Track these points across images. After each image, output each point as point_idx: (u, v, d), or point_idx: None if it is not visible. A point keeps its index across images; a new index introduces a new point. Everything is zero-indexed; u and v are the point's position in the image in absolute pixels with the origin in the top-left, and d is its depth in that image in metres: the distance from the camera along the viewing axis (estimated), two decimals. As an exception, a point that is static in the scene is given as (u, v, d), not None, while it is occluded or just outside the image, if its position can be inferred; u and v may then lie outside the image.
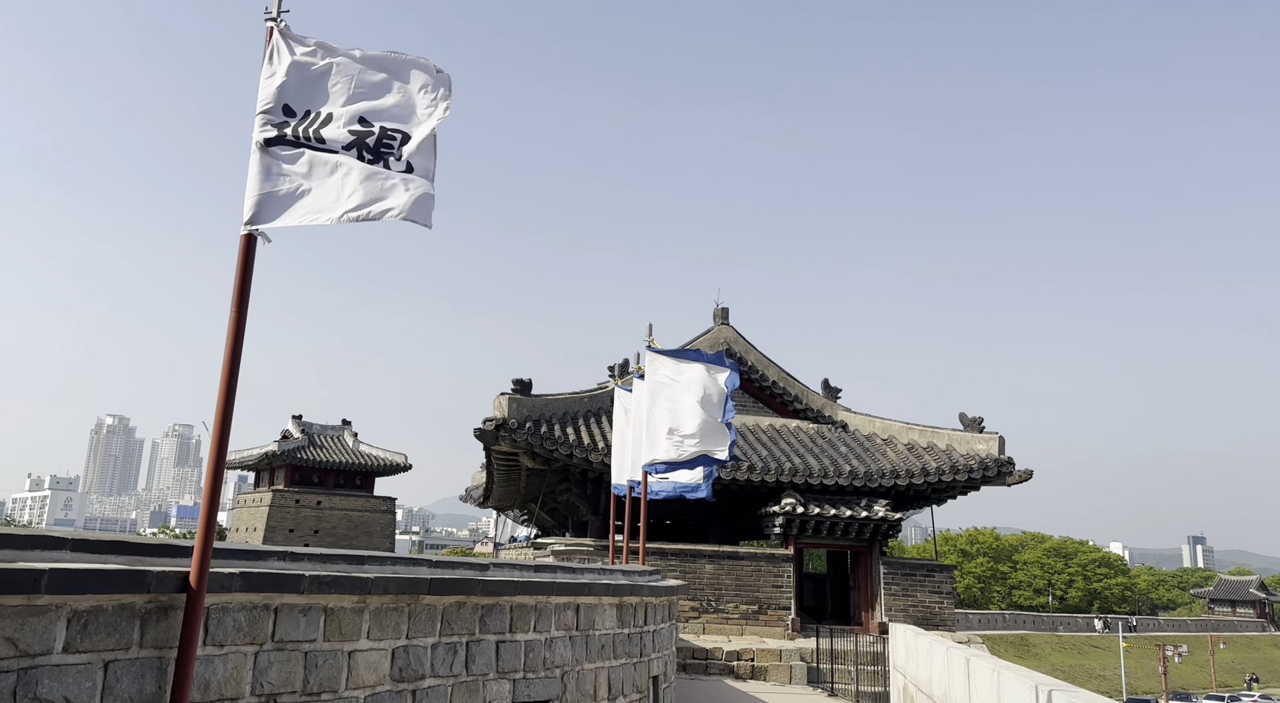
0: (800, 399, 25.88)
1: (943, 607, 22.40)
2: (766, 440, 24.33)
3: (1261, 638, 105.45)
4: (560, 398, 22.46)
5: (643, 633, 7.83)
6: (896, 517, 22.41)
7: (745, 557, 22.05)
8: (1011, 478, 22.60)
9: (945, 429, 24.11)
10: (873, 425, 25.56)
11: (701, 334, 25.70)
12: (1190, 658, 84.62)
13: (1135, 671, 75.39)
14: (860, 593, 23.10)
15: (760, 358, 25.86)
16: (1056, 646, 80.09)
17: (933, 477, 22.49)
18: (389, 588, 4.91)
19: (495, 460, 22.53)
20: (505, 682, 5.81)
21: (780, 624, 21.60)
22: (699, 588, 21.53)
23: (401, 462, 51.74)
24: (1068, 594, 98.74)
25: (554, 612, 6.42)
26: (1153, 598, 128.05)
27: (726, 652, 19.31)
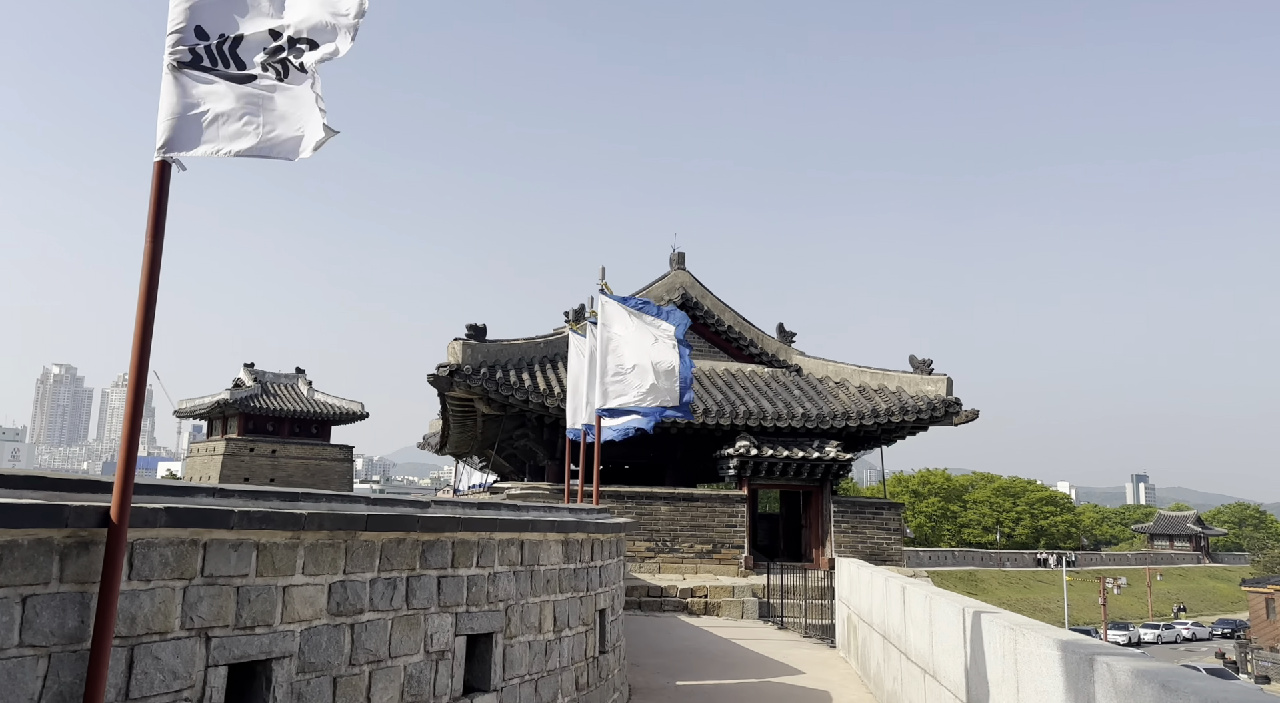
0: (755, 344, 26.10)
1: (890, 543, 23.09)
2: (722, 385, 24.56)
3: (1196, 569, 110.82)
4: (516, 343, 22.38)
5: (589, 568, 7.95)
6: (847, 457, 22.90)
7: (700, 498, 22.42)
8: (959, 418, 23.16)
9: (896, 372, 24.54)
10: (826, 369, 25.92)
11: (658, 279, 25.67)
12: (1130, 590, 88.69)
13: (1078, 603, 78.83)
14: (812, 531, 23.70)
15: (716, 303, 25.95)
16: (1003, 581, 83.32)
17: (883, 418, 22.96)
18: (323, 524, 4.90)
19: (450, 407, 22.47)
20: (447, 615, 5.88)
21: (734, 563, 22.11)
22: (655, 529, 21.90)
23: (358, 410, 51.38)
24: (1015, 532, 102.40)
25: (497, 548, 6.48)
26: (1097, 534, 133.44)
27: (681, 589, 19.77)
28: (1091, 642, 4.41)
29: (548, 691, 7.02)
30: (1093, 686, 3.97)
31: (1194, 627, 75.67)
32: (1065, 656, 4.31)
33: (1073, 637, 4.56)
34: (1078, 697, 4.15)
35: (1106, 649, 4.09)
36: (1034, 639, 4.79)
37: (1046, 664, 4.57)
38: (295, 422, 50.54)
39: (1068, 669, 4.27)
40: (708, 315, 25.60)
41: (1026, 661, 4.90)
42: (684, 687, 10.29)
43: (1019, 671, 5.04)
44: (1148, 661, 3.75)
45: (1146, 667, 3.56)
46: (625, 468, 31.89)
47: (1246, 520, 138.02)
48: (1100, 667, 3.88)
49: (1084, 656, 4.08)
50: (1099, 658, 3.91)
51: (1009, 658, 5.24)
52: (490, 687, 6.26)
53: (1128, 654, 3.92)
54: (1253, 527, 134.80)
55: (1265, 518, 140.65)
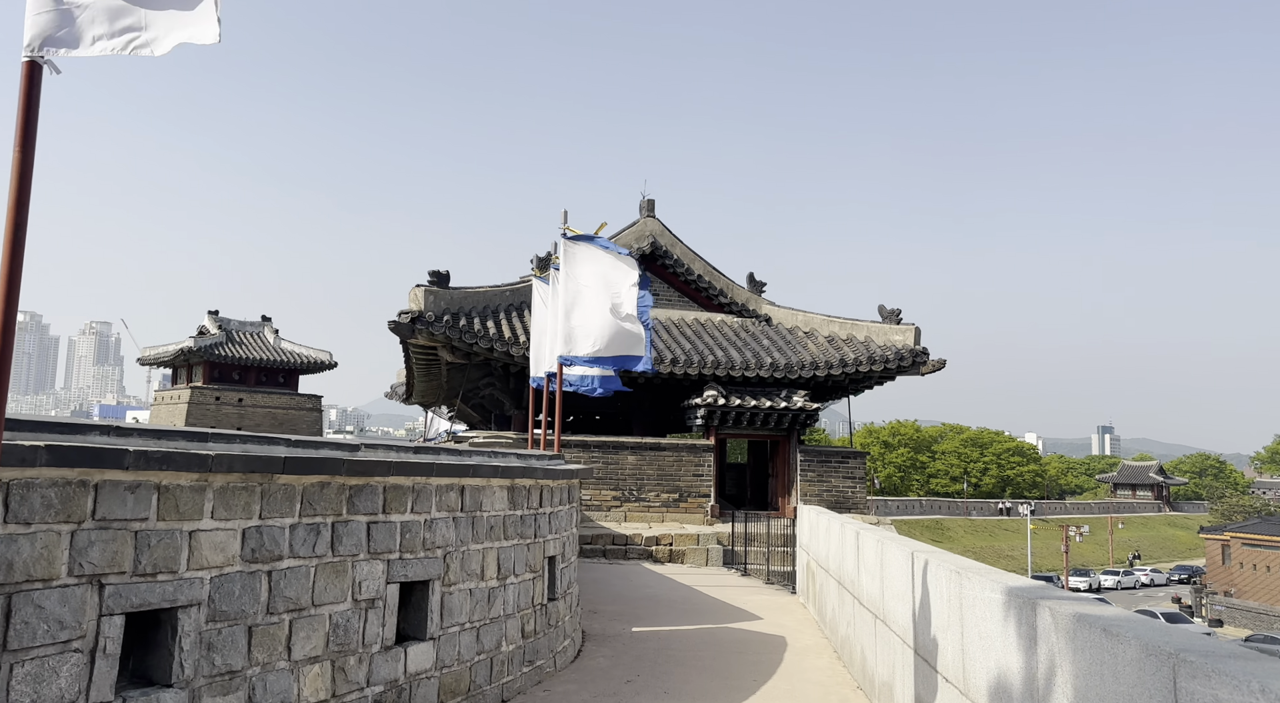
0: (725, 293, 25.83)
1: (855, 491, 23.22)
2: (691, 335, 24.33)
3: (1156, 518, 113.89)
4: (481, 291, 21.93)
5: (537, 515, 7.74)
6: (814, 407, 22.86)
7: (667, 448, 22.34)
8: (925, 368, 23.15)
9: (865, 321, 24.43)
10: (795, 319, 25.76)
11: (627, 226, 25.20)
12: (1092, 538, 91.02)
13: (1041, 551, 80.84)
14: (778, 480, 23.77)
15: (686, 252, 25.57)
16: (969, 529, 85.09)
17: (850, 367, 22.89)
18: (234, 466, 4.60)
19: (413, 355, 22.08)
20: (378, 562, 5.64)
21: (700, 511, 22.15)
22: (621, 478, 21.83)
23: (326, 359, 50.71)
24: (982, 482, 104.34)
25: (435, 493, 6.22)
26: (1062, 484, 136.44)
27: (646, 537, 19.77)
28: (1035, 586, 4.25)
29: (491, 638, 6.84)
30: (1035, 630, 3.81)
31: (1152, 573, 77.99)
32: (1009, 600, 4.14)
33: (1018, 581, 4.40)
34: (1020, 642, 3.99)
35: (1050, 594, 3.92)
36: (978, 584, 4.63)
37: (990, 609, 4.42)
38: (262, 371, 49.82)
39: (1010, 614, 4.11)
40: (677, 264, 25.24)
41: (971, 605, 4.75)
42: (639, 633, 10.22)
43: (964, 615, 4.90)
44: (1090, 605, 3.58)
45: (1089, 611, 3.38)
46: (597, 418, 31.76)
47: (1207, 470, 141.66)
48: (1043, 612, 3.71)
49: (1027, 600, 3.91)
50: (1042, 603, 3.74)
51: (954, 602, 5.09)
52: (427, 635, 6.06)
53: (1071, 599, 3.75)
54: (1213, 477, 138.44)
55: (1225, 468, 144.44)
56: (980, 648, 4.56)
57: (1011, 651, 4.09)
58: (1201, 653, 2.62)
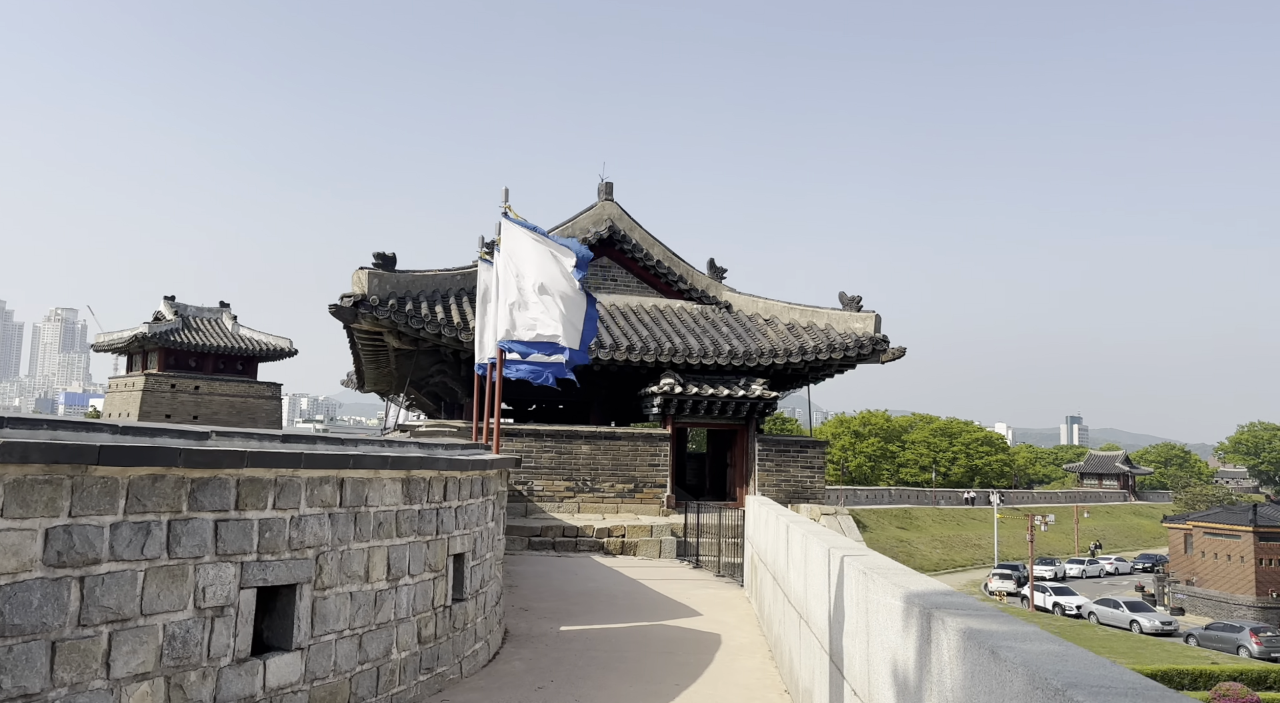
0: (685, 279, 25.30)
1: (814, 481, 22.85)
2: (649, 321, 23.78)
3: (1121, 507, 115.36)
4: (429, 274, 21.22)
5: (440, 510, 7.15)
6: (773, 395, 22.43)
7: (622, 437, 21.82)
8: (885, 356, 22.79)
9: (825, 309, 24.02)
10: (756, 306, 25.30)
11: (584, 210, 24.57)
12: (1058, 527, 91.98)
13: (1008, 539, 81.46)
14: (736, 470, 23.34)
15: (645, 236, 24.99)
16: (937, 518, 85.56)
17: (809, 355, 22.47)
18: (29, 456, 3.98)
19: (359, 341, 21.35)
20: (228, 565, 5.03)
21: (656, 502, 21.67)
22: (575, 468, 21.29)
23: (286, 346, 49.62)
24: (951, 471, 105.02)
25: (305, 487, 5.62)
26: (1030, 473, 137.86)
27: (598, 529, 19.25)
28: (935, 592, 3.74)
29: (377, 645, 6.26)
30: (929, 645, 3.30)
31: (1117, 562, 78.85)
32: (908, 608, 3.63)
33: (921, 585, 3.89)
34: (917, 657, 3.49)
35: (947, 602, 3.41)
36: (881, 588, 4.12)
37: (891, 617, 3.91)
38: (220, 358, 48.66)
39: (910, 624, 3.60)
40: (636, 249, 24.66)
41: (875, 611, 4.25)
42: (567, 632, 9.68)
43: (869, 622, 4.40)
44: (985, 617, 3.07)
45: (980, 627, 2.87)
46: (557, 407, 31.17)
47: (1171, 460, 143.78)
48: (937, 624, 3.21)
49: (924, 610, 3.40)
50: (937, 614, 3.23)
51: (862, 607, 4.60)
52: (293, 645, 5.46)
53: (968, 610, 3.23)
54: (1177, 466, 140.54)
55: (1189, 458, 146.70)
56: (883, 659, 4.06)
57: (910, 665, 3.59)
58: (1091, 690, 2.11)
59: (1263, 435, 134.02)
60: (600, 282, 24.61)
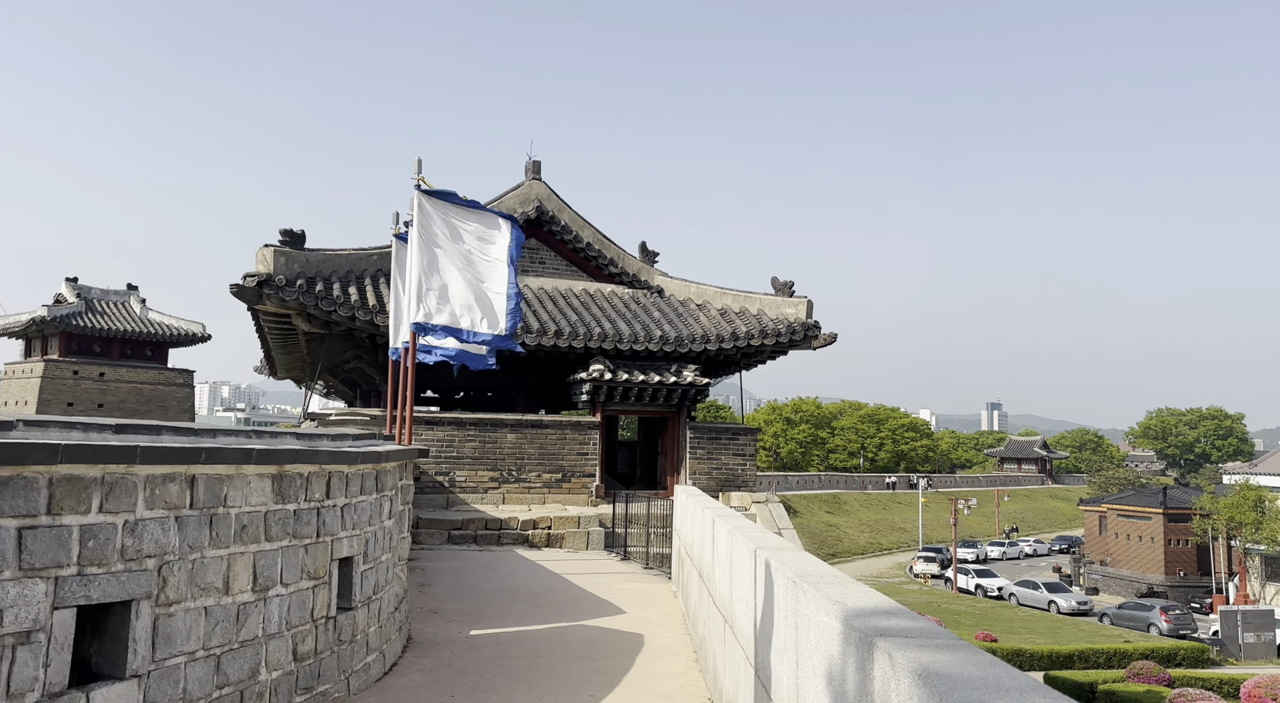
0: (616, 263, 24.58)
1: (745, 469, 22.47)
2: (578, 306, 23.02)
3: (1039, 490, 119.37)
4: (343, 254, 20.05)
5: (321, 509, 6.33)
6: (705, 382, 21.95)
7: (550, 425, 21.05)
8: (817, 341, 22.51)
9: (758, 294, 23.62)
10: (689, 291, 24.76)
11: (511, 190, 23.62)
12: (980, 510, 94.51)
13: (932, 522, 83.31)
14: (667, 458, 22.82)
15: (575, 218, 24.18)
16: (865, 503, 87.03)
17: (742, 341, 22.04)
18: None
19: (266, 324, 20.06)
20: (37, 581, 4.16)
21: (585, 492, 20.99)
22: (500, 458, 20.45)
23: (199, 331, 47.25)
24: (879, 457, 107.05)
25: (144, 486, 4.76)
26: (953, 458, 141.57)
27: (522, 521, 18.48)
28: (876, 609, 3.13)
29: (240, 666, 5.42)
30: (872, 682, 2.67)
31: (1035, 544, 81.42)
32: (846, 631, 3.02)
33: (860, 601, 3.28)
34: (857, 693, 2.87)
35: (897, 630, 2.79)
36: (813, 602, 3.50)
37: (824, 638, 3.30)
38: (127, 343, 46.07)
39: (848, 650, 2.98)
40: (565, 230, 23.83)
41: (807, 629, 3.63)
42: (477, 637, 8.93)
43: (799, 640, 3.78)
44: (944, 650, 2.45)
45: (934, 664, 2.25)
46: (473, 395, 30.19)
47: (1086, 445, 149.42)
48: (880, 657, 2.58)
49: (864, 636, 2.77)
50: (880, 643, 2.61)
51: (791, 620, 3.98)
52: (127, 672, 4.61)
53: (920, 640, 2.62)
54: (1091, 450, 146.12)
55: (1103, 443, 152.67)
56: (815, 689, 3.44)
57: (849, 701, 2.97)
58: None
59: (1169, 421, 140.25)
60: (528, 264, 23.73)
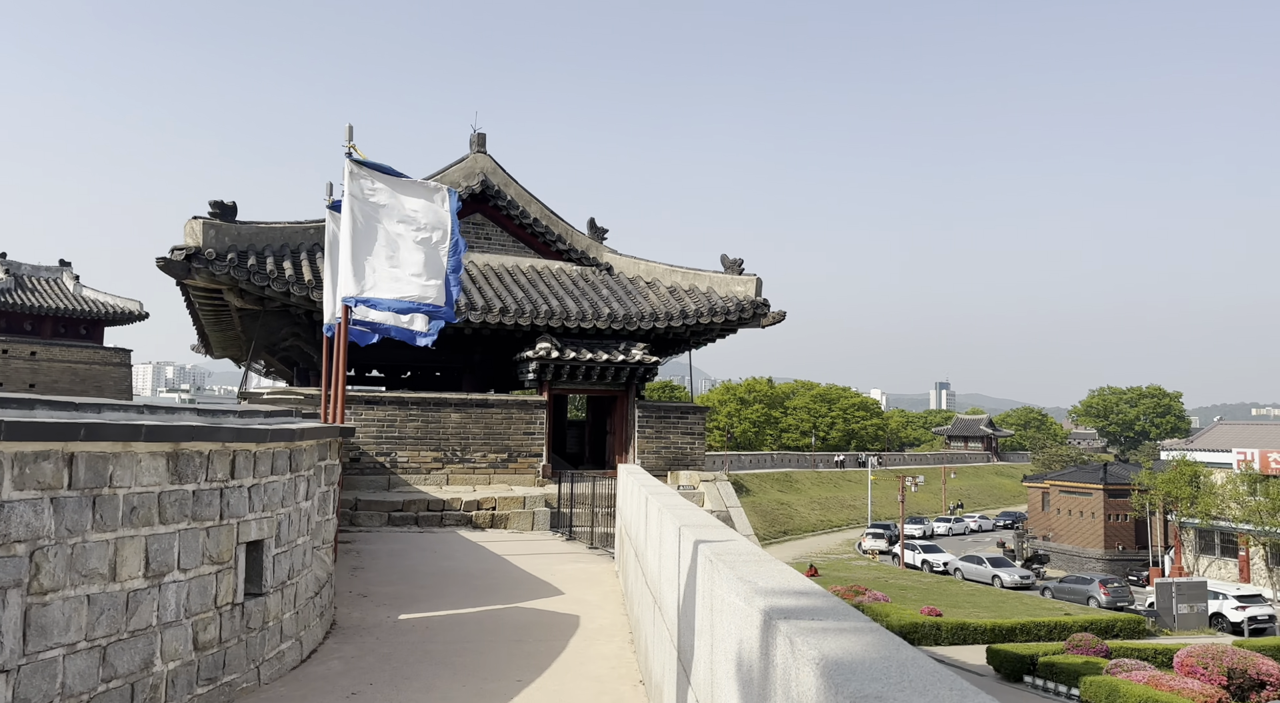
0: (564, 239, 24.16)
1: (694, 448, 22.36)
2: (525, 283, 22.59)
3: (986, 468, 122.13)
4: (278, 227, 19.33)
5: (225, 489, 5.94)
6: (654, 360, 21.73)
7: (495, 404, 20.66)
8: (766, 320, 22.42)
9: (707, 272, 23.42)
10: (638, 268, 24.46)
11: (454, 163, 23.02)
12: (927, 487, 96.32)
13: (881, 499, 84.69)
14: (616, 437, 22.60)
15: (521, 192, 23.67)
16: (816, 481, 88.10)
17: (691, 319, 21.85)
18: None
19: (197, 300, 19.29)
20: (-124, 571, 3.75)
21: (531, 472, 20.69)
22: (444, 438, 20.03)
23: (136, 309, 45.65)
24: (830, 435, 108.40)
25: (12, 464, 4.35)
26: (902, 437, 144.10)
27: (466, 502, 18.12)
28: (799, 587, 2.91)
29: (130, 658, 5.05)
30: (772, 670, 2.45)
31: (980, 520, 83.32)
32: (750, 614, 2.78)
33: (775, 580, 3.05)
34: (761, 681, 2.64)
35: (804, 610, 2.57)
36: (725, 582, 3.28)
37: (735, 621, 3.07)
38: (60, 321, 44.34)
39: (754, 635, 2.75)
40: (511, 206, 23.33)
41: (720, 610, 3.41)
42: (406, 621, 8.62)
43: (714, 622, 3.56)
44: (850, 635, 2.23)
45: (844, 661, 2.02)
46: (419, 374, 29.63)
47: (1030, 423, 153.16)
48: (780, 642, 2.35)
49: (768, 620, 2.54)
50: (783, 626, 2.37)
51: (708, 602, 3.76)
52: (-8, 667, 4.22)
53: (823, 625, 2.39)
54: (1035, 428, 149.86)
55: (1046, 421, 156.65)
56: (727, 674, 3.22)
57: (752, 692, 2.75)
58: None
59: (1110, 399, 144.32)
60: (473, 240, 23.20)
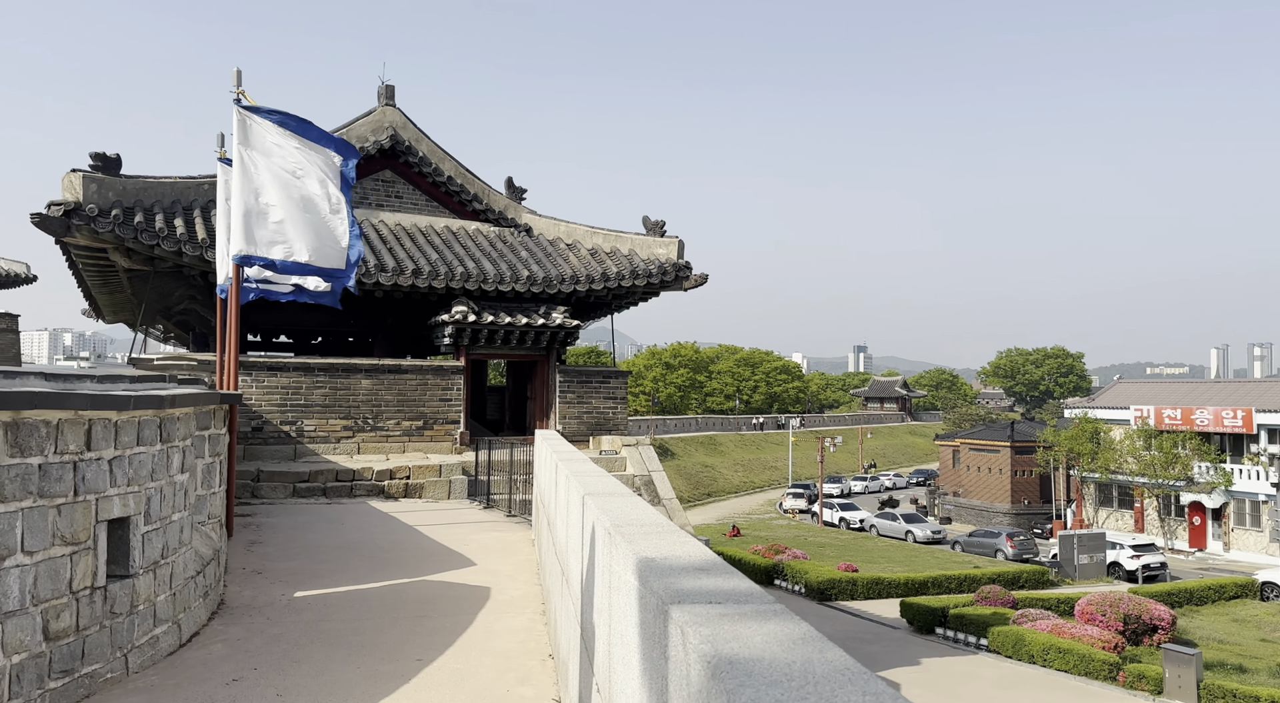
0: (480, 199, 23.34)
1: (617, 412, 22.11)
2: (440, 243, 21.77)
3: (900, 427, 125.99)
4: (168, 182, 18.05)
5: (79, 462, 5.33)
6: (575, 324, 21.29)
7: (409, 370, 19.94)
8: (688, 282, 22.18)
9: (629, 234, 23.00)
10: (558, 229, 23.86)
11: (361, 116, 21.89)
12: (845, 447, 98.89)
13: (801, 460, 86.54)
14: (537, 403, 22.17)
15: (434, 149, 22.71)
16: (739, 443, 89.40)
17: (613, 282, 21.44)
18: None
19: (80, 260, 17.93)
20: None
21: (448, 439, 20.11)
22: (354, 406, 19.25)
23: (22, 272, 42.55)
24: (753, 399, 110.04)
25: None
26: (822, 399, 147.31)
27: (378, 471, 17.47)
28: (698, 561, 2.59)
29: (-40, 654, 4.46)
30: (667, 658, 2.12)
31: (894, 477, 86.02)
32: (645, 596, 2.45)
33: (675, 556, 2.73)
34: (650, 672, 2.31)
35: (696, 594, 2.24)
36: (621, 557, 2.95)
37: (630, 601, 2.74)
38: (-66, 287, 41.13)
39: (647, 617, 2.42)
40: (424, 162, 22.36)
41: (617, 587, 3.08)
42: (302, 598, 8.11)
43: (612, 600, 3.24)
44: (751, 621, 1.91)
45: (733, 652, 1.69)
46: (332, 339, 28.54)
47: (942, 384, 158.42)
48: (674, 631, 2.02)
49: (661, 602, 2.21)
50: (676, 611, 2.04)
51: (606, 577, 3.43)
52: None
53: (720, 611, 2.07)
54: (947, 389, 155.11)
55: (957, 381, 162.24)
56: (623, 659, 2.90)
57: (636, 682, 2.42)
58: None
59: (1017, 360, 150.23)
60: (383, 198, 22.21)
